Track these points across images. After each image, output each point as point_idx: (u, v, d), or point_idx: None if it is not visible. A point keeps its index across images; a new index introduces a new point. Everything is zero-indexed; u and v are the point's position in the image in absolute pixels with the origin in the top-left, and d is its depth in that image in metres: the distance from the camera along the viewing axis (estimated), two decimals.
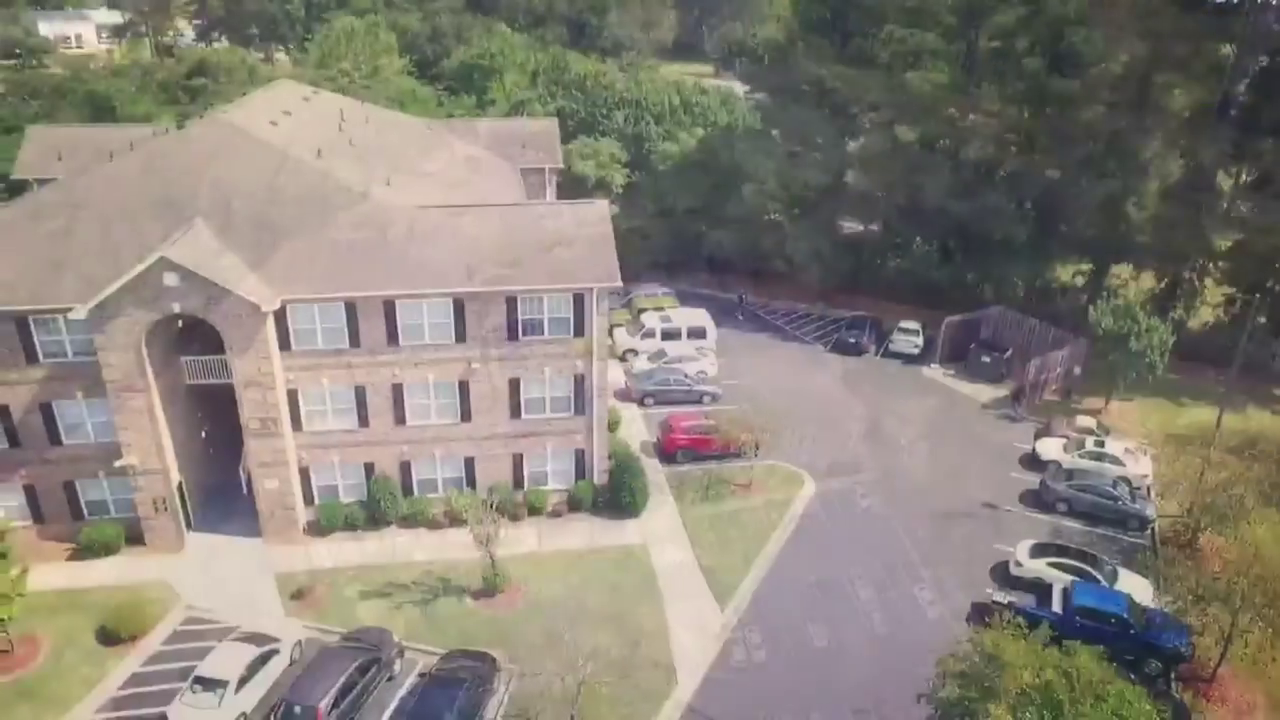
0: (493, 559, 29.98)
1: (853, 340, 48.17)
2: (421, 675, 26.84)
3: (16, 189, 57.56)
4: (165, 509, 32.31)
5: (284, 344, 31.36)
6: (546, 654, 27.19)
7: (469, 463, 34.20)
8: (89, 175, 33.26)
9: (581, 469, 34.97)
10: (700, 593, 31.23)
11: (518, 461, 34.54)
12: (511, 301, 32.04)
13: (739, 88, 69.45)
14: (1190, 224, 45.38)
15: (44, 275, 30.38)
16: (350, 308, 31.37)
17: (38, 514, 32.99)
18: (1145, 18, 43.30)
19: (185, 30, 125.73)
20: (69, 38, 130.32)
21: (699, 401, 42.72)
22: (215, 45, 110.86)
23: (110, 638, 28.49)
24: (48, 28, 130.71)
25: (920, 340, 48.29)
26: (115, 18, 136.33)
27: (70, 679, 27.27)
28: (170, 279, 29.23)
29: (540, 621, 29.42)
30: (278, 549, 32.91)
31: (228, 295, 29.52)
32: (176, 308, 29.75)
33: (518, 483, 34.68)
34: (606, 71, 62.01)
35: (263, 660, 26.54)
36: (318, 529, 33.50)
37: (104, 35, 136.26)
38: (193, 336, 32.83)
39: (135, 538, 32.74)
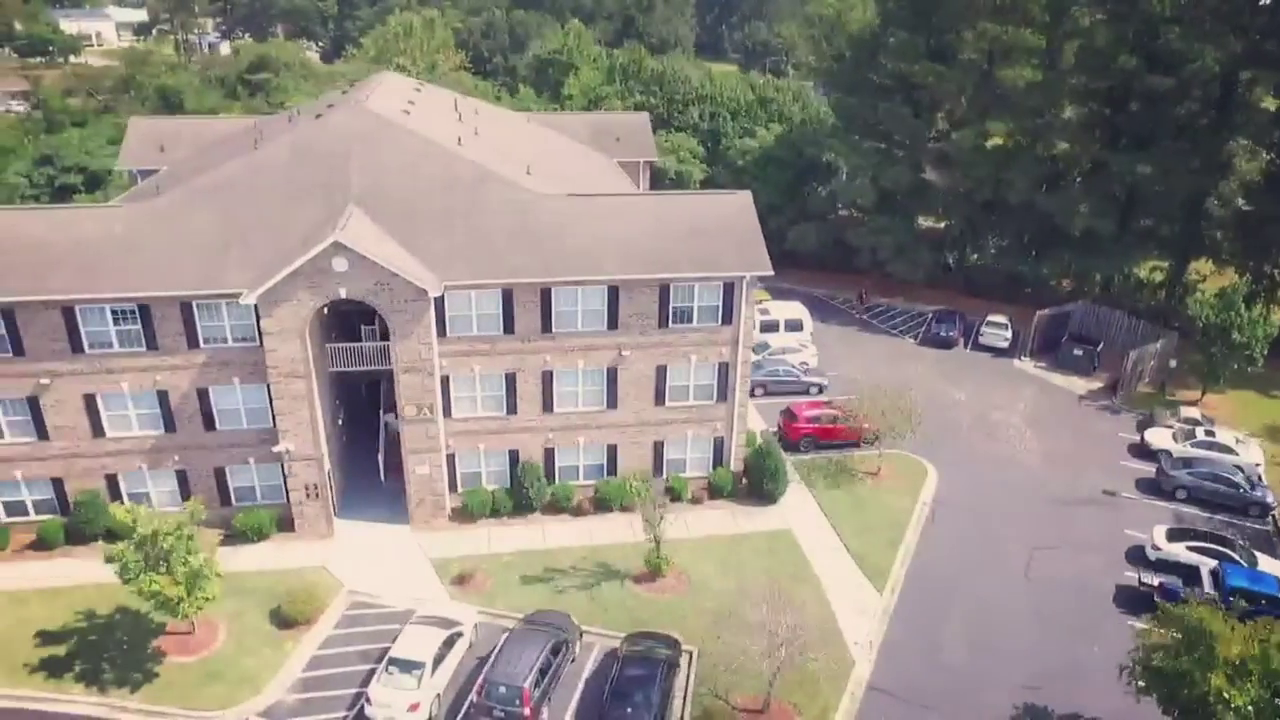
0: (658, 543, 30.31)
1: (943, 333, 48.90)
2: (615, 657, 27.05)
3: (95, 182, 57.49)
4: (317, 495, 32.39)
5: (440, 330, 31.68)
6: (720, 635, 27.77)
7: (611, 450, 34.50)
8: (240, 162, 33.23)
9: (719, 456, 35.42)
10: (854, 575, 31.74)
11: (658, 448, 34.86)
12: (665, 290, 32.40)
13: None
14: (1275, 221, 46.44)
15: (208, 261, 30.44)
16: (507, 294, 31.61)
17: (187, 500, 33.09)
18: (1237, 15, 44.29)
19: (209, 29, 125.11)
20: (89, 35, 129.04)
21: (806, 392, 43.27)
22: (237, 41, 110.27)
23: (285, 621, 28.59)
24: (68, 25, 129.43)
25: (1009, 334, 49.10)
26: (136, 15, 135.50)
27: (253, 661, 27.34)
28: (340, 264, 29.37)
29: (708, 604, 29.79)
30: (425, 535, 33.08)
31: (396, 280, 29.70)
32: (344, 292, 29.90)
33: (657, 469, 35.08)
34: (682, 67, 62.51)
35: (450, 643, 26.79)
36: (463, 515, 33.70)
37: (123, 33, 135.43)
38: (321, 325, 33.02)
39: (281, 524, 33.03)
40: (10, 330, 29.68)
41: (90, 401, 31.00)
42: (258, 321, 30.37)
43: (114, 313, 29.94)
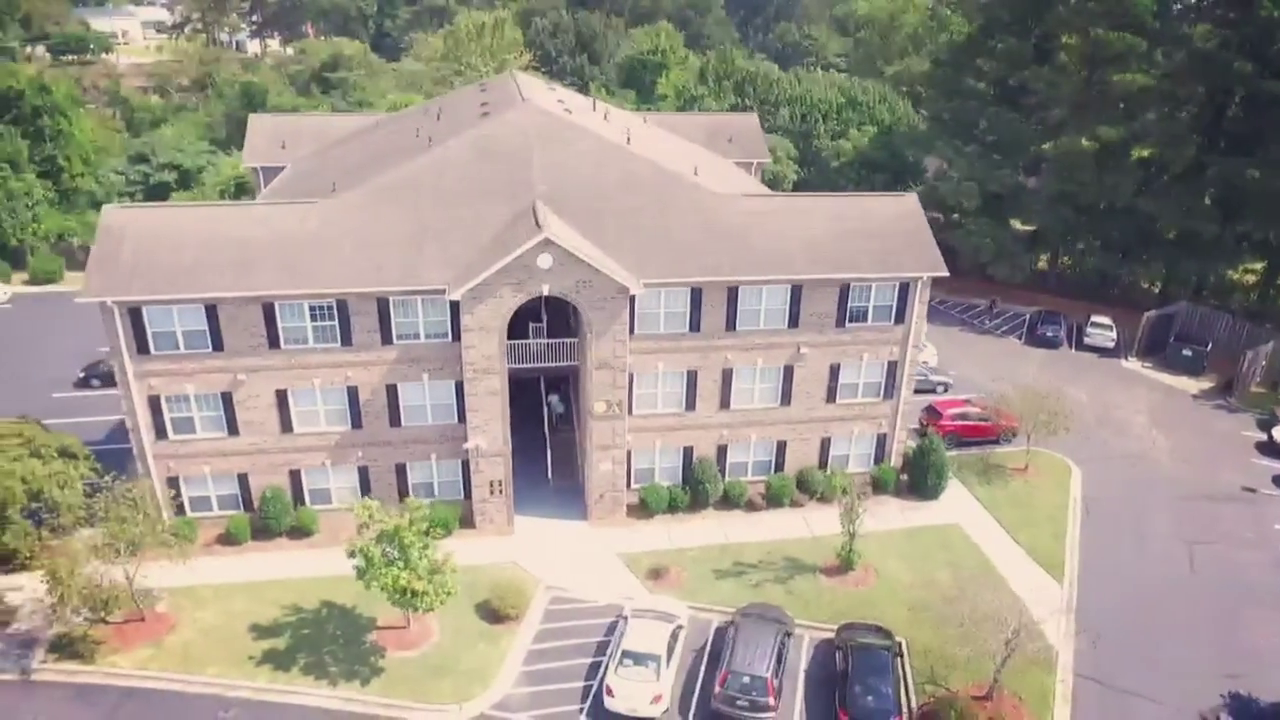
0: (853, 537, 30.83)
1: (1049, 334, 49.82)
2: (833, 647, 27.55)
3: (186, 179, 57.18)
4: (500, 491, 32.61)
5: (628, 328, 32.00)
6: (919, 626, 28.45)
7: (781, 446, 34.98)
8: (423, 160, 33.26)
9: (880, 452, 36.00)
10: (1031, 567, 32.40)
11: (824, 445, 35.40)
12: (844, 289, 32.92)
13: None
14: None
15: (404, 257, 30.62)
16: (696, 293, 31.98)
17: (366, 495, 33.17)
18: None
19: (241, 27, 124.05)
20: (116, 34, 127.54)
21: (934, 390, 43.98)
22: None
23: (494, 616, 28.81)
24: (94, 24, 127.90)
25: (1114, 334, 50.11)
26: (158, 14, 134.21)
27: (473, 655, 27.57)
28: (544, 261, 29.64)
29: (901, 595, 30.44)
30: (605, 530, 33.40)
31: (598, 277, 30.01)
32: (546, 290, 30.16)
33: (821, 464, 35.62)
34: (771, 70, 63.12)
35: (675, 635, 27.16)
36: (639, 511, 34.07)
37: (148, 32, 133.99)
38: None
39: (461, 520, 33.12)
40: (213, 326, 29.75)
41: (282, 397, 31.05)
42: (452, 318, 30.71)
43: (312, 309, 30.10)
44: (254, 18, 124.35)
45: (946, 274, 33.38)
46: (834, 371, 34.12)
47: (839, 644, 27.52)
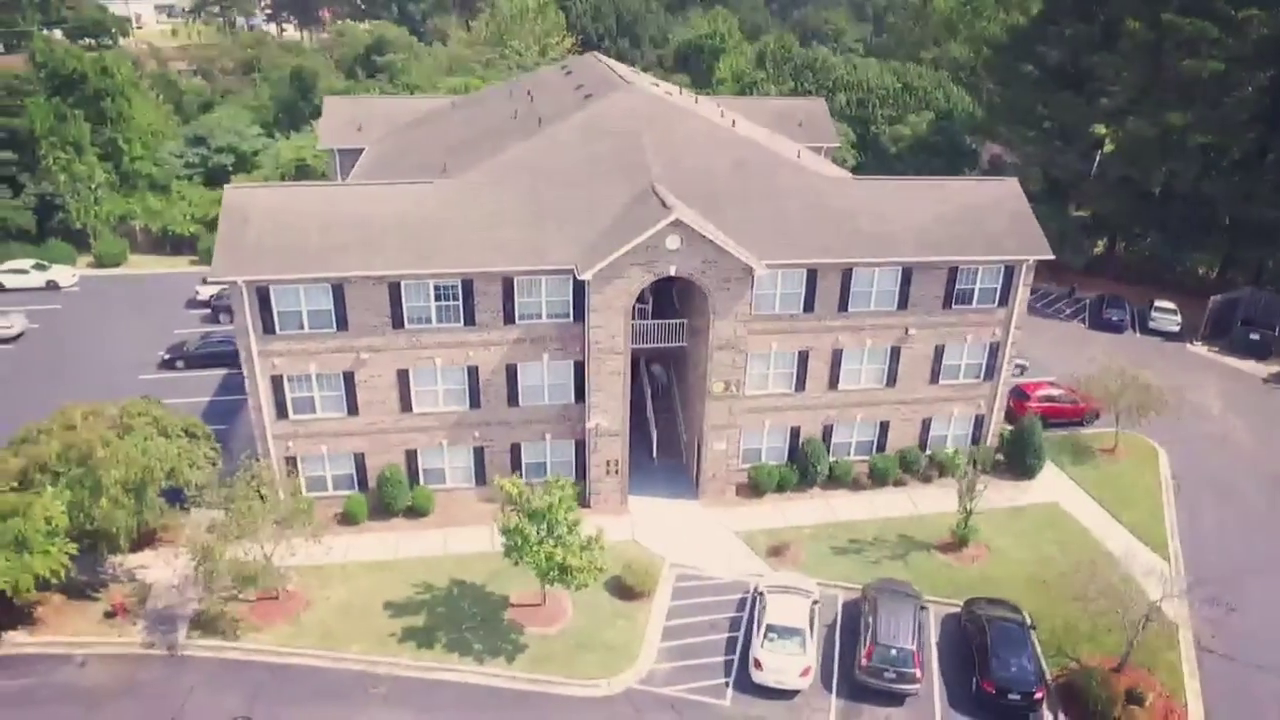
0: (969, 514, 31.31)
1: (1114, 318, 50.39)
2: (966, 621, 28.00)
3: (242, 164, 56.86)
4: (615, 471, 32.88)
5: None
6: (1040, 601, 29.00)
7: (883, 426, 35.37)
8: (534, 140, 33.37)
9: (977, 433, 36.46)
10: (1136, 545, 32.91)
11: (925, 425, 35.83)
12: (953, 272, 33.28)
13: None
14: None
15: (527, 237, 30.76)
16: (812, 274, 32.27)
17: (480, 476, 33.40)
18: None
19: (256, 12, 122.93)
20: (129, 18, 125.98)
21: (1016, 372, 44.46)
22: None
23: (625, 593, 29.13)
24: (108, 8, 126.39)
25: (1179, 318, 50.73)
26: None
27: (612, 631, 27.93)
28: (673, 241, 29.80)
29: (1017, 571, 30.96)
30: (717, 509, 33.73)
31: (724, 257, 30.21)
32: (672, 270, 30.33)
33: (920, 445, 36.06)
34: (829, 55, 63.27)
35: (812, 610, 27.58)
36: (748, 490, 34.45)
37: (160, 16, 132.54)
38: None
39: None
40: (338, 306, 29.82)
41: (403, 377, 31.17)
42: (574, 298, 30.91)
43: (437, 289, 30.24)
44: (265, 2, 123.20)
45: (1052, 257, 33.82)
46: (938, 353, 34.50)
47: (968, 618, 28.07)
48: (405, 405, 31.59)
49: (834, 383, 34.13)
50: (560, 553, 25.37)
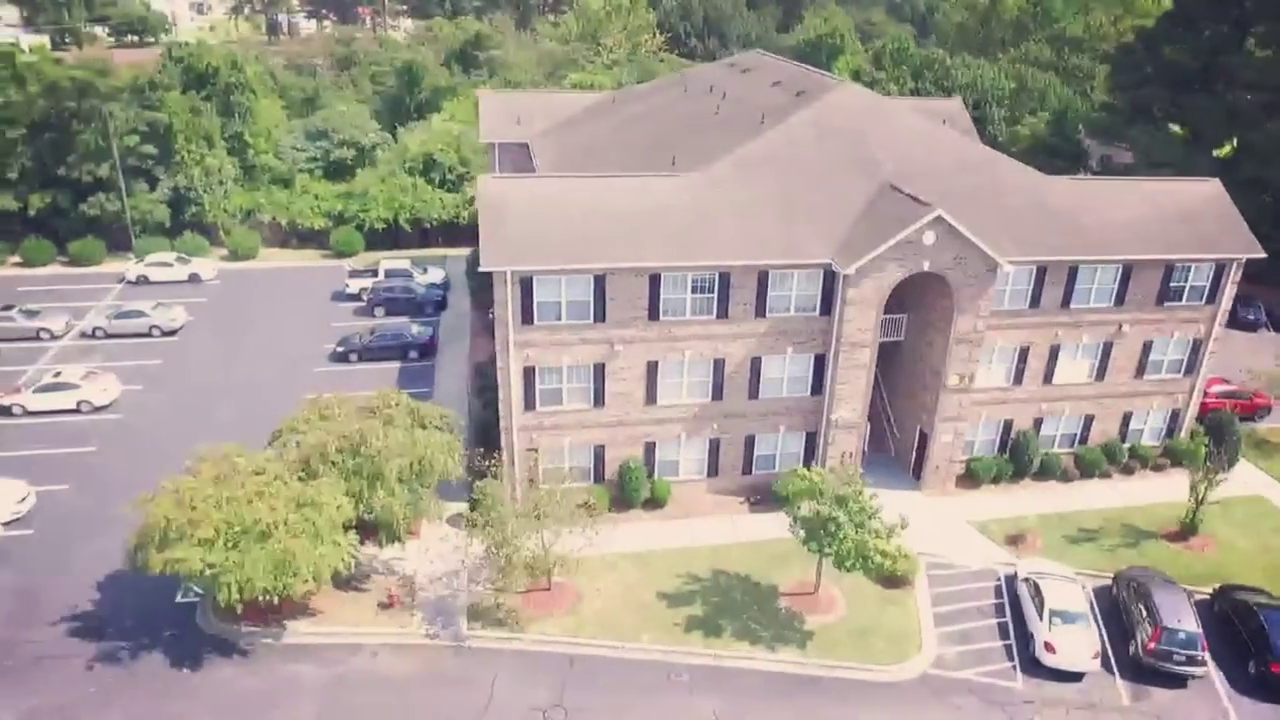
0: (1200, 504, 32.18)
1: (1250, 316, 51.69)
2: (1219, 607, 28.90)
3: (361, 158, 56.39)
4: (851, 460, 33.31)
5: None
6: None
7: (1088, 420, 36.21)
8: (770, 136, 33.69)
9: (1172, 426, 37.42)
10: None
11: (1125, 419, 36.73)
12: (1168, 269, 34.20)
13: None
14: None
15: (780, 231, 31.18)
16: (1040, 271, 33.01)
17: (713, 468, 33.74)
18: None
19: (296, 8, 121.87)
20: (168, 16, 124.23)
21: None
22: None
23: (887, 580, 29.57)
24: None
25: None
26: None
27: (888, 618, 28.38)
28: (929, 237, 30.37)
29: (1251, 560, 31.82)
30: (940, 499, 34.30)
31: (974, 253, 30.81)
32: (926, 265, 30.87)
33: (1120, 438, 36.90)
34: (946, 56, 64.02)
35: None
36: (966, 480, 35.07)
37: (193, 14, 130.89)
38: None
39: None
40: (598, 297, 30.06)
41: (652, 369, 31.46)
42: (823, 292, 31.36)
43: (694, 281, 30.57)
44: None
45: (1263, 255, 34.89)
46: (1146, 348, 35.42)
47: (1227, 604, 28.94)
48: (650, 397, 31.87)
49: (1048, 377, 34.94)
50: (871, 540, 25.86)
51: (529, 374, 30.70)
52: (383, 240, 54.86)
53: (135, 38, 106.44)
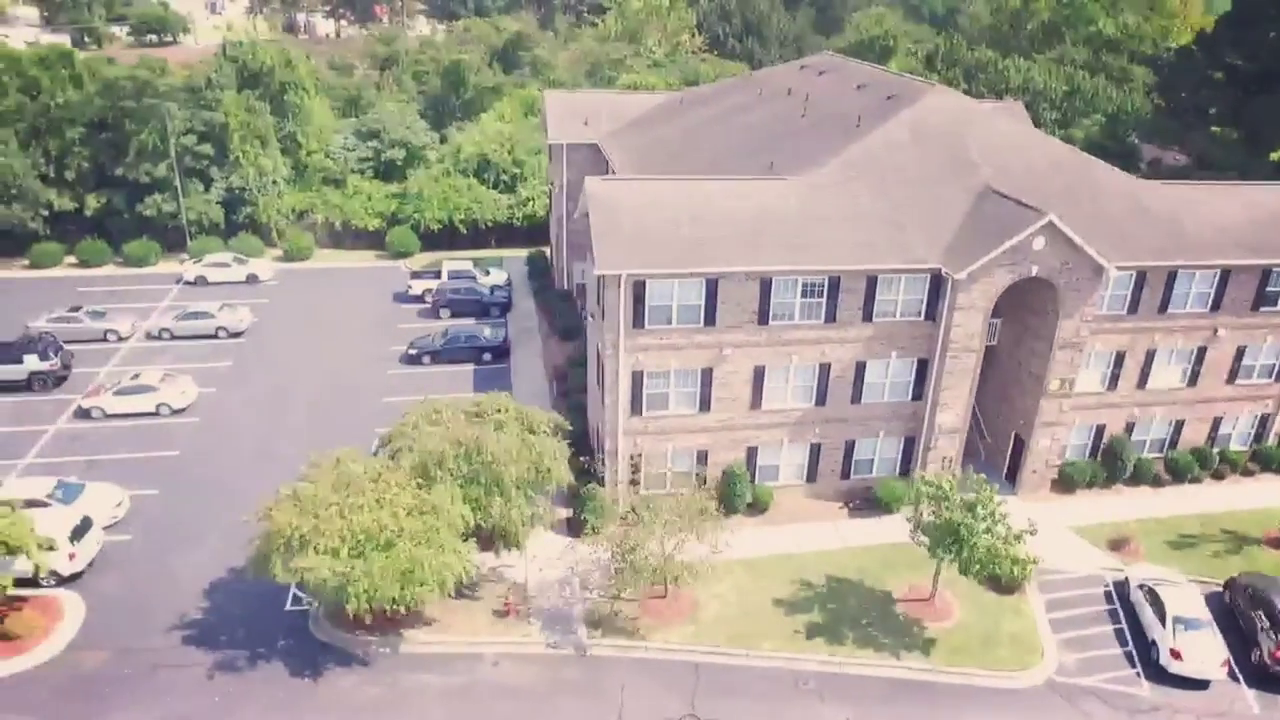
0: None
1: None
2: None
3: (412, 158, 55.78)
4: (951, 465, 33.20)
5: None
6: None
7: (1178, 425, 36.13)
8: (869, 140, 33.39)
9: (1261, 431, 37.20)
10: None
11: (1215, 423, 36.69)
12: (1265, 274, 34.18)
13: None
14: None
15: (888, 235, 31.04)
16: (1140, 276, 32.96)
17: (812, 473, 33.56)
18: None
19: (315, 8, 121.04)
20: (183, 16, 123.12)
21: None
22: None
23: (998, 586, 29.30)
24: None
25: None
26: None
27: (1007, 625, 28.21)
28: (1038, 242, 30.23)
29: None
30: (1035, 504, 33.91)
31: (1080, 257, 30.69)
32: (1034, 270, 30.73)
33: (1209, 442, 36.76)
34: (999, 58, 63.95)
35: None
36: (1060, 485, 34.96)
37: (207, 14, 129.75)
38: None
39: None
40: (710, 301, 29.82)
41: (758, 373, 31.26)
42: (928, 297, 31.19)
43: (804, 285, 30.38)
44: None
45: None
46: (1239, 354, 35.43)
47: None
48: (755, 402, 31.68)
49: (1142, 382, 34.92)
50: (1001, 545, 25.73)
51: (637, 378, 30.44)
52: (436, 241, 54.45)
53: (154, 37, 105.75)
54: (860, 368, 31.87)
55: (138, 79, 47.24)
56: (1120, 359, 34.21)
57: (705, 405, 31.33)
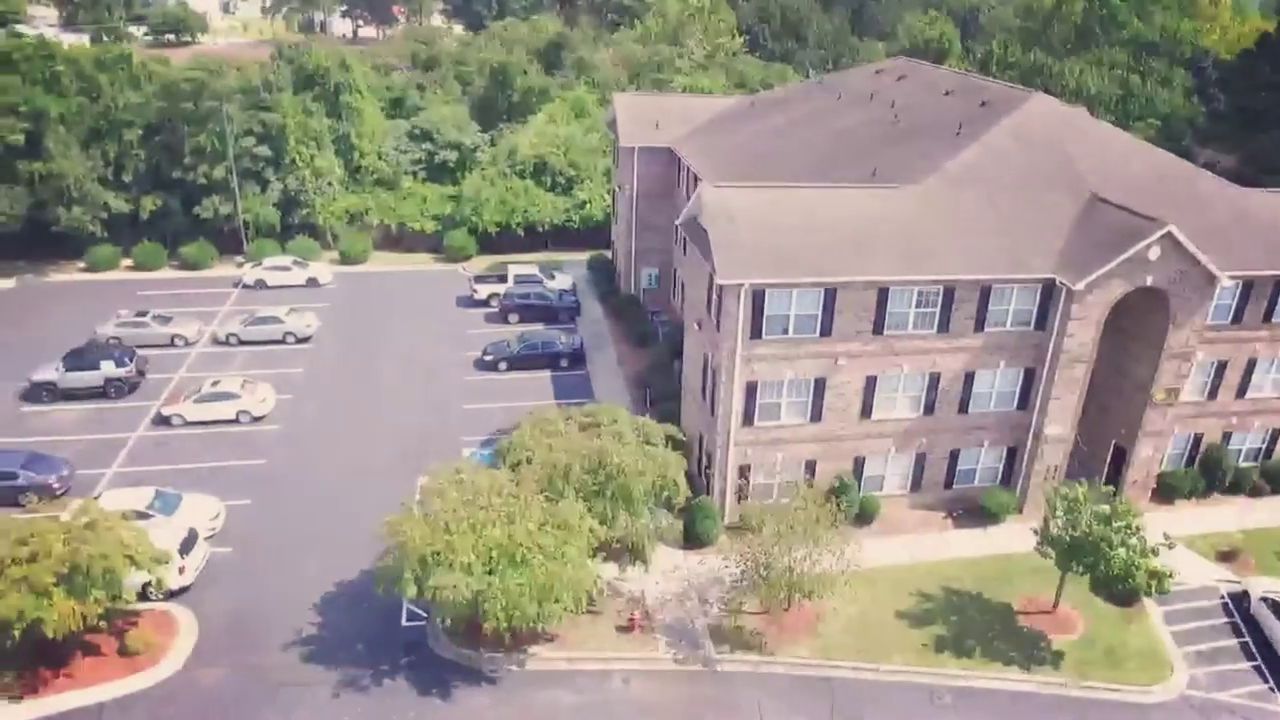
0: None
1: None
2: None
3: (464, 160, 55.06)
4: (1055, 475, 32.99)
5: None
6: None
7: (1274, 434, 35.88)
8: (975, 148, 32.99)
9: None
10: None
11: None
12: None
13: None
14: None
15: (1002, 244, 30.72)
16: (1247, 285, 32.84)
17: (916, 483, 33.27)
18: None
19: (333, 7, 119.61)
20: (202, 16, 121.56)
21: None
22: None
23: (1116, 597, 29.02)
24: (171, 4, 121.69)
25: None
26: None
27: (1130, 637, 28.06)
28: (1154, 252, 30.01)
29: None
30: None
31: (1195, 268, 30.50)
32: (1149, 280, 30.50)
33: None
34: (1054, 62, 63.71)
35: None
36: (1158, 495, 34.77)
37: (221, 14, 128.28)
38: None
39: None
40: (826, 310, 29.47)
41: (870, 383, 30.93)
42: (1039, 306, 30.91)
43: (919, 294, 30.06)
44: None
45: None
46: None
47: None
48: (865, 412, 31.37)
49: (1241, 391, 34.84)
50: (1139, 559, 25.50)
51: (750, 389, 30.05)
52: (491, 244, 53.84)
53: (173, 36, 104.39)
54: (969, 377, 31.57)
55: (195, 80, 46.41)
56: (1222, 368, 34.09)
57: (817, 415, 30.98)
